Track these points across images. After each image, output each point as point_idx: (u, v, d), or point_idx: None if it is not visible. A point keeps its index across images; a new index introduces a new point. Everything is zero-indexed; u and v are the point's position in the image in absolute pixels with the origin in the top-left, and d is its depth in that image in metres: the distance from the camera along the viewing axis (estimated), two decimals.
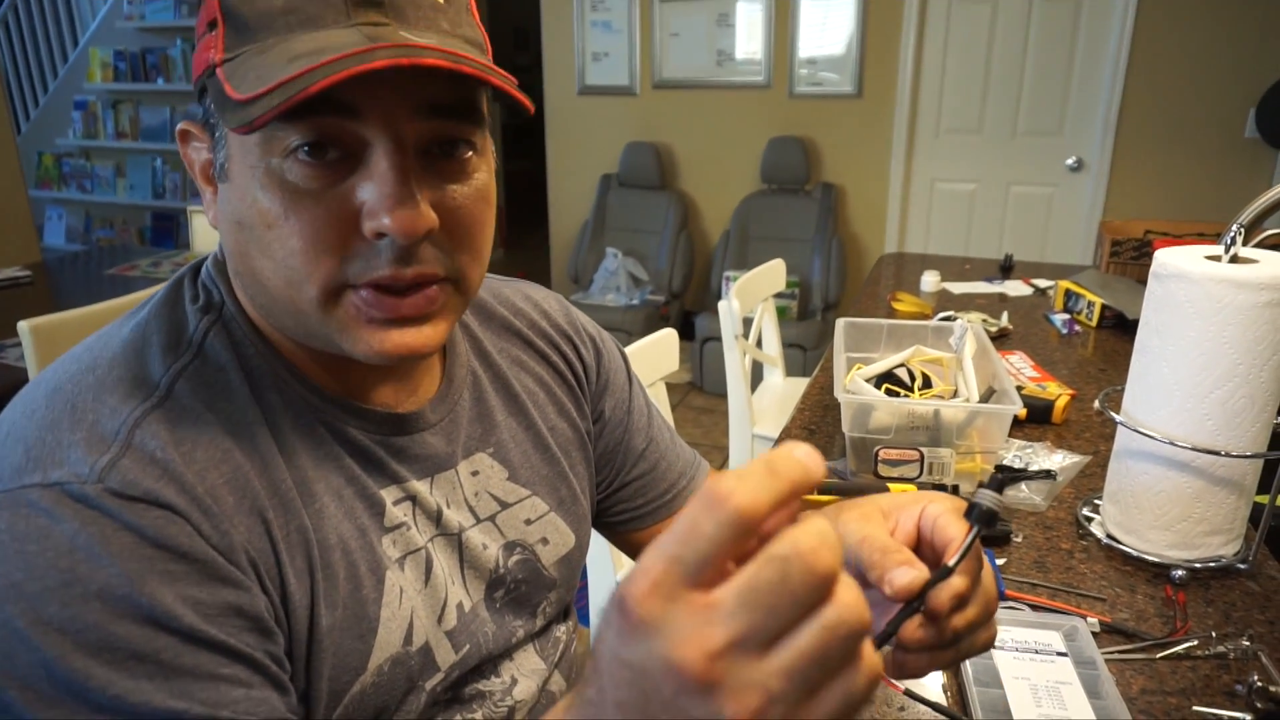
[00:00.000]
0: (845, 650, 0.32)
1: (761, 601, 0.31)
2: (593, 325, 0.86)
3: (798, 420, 1.41)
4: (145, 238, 5.50)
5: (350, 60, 0.48)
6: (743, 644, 0.31)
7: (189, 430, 0.54)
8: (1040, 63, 3.69)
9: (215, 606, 0.51)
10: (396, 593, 0.62)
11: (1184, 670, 0.82)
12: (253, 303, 0.60)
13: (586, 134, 4.53)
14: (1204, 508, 0.95)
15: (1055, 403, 1.35)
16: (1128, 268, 2.20)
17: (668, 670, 0.31)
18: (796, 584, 0.31)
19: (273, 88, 0.48)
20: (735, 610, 0.31)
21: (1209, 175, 3.55)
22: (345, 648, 0.59)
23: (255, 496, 0.55)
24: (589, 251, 4.40)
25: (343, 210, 0.53)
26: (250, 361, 0.60)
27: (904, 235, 4.11)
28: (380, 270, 0.54)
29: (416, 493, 0.66)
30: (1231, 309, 0.87)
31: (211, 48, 0.53)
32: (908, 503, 0.55)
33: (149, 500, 0.50)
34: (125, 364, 0.57)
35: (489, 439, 0.73)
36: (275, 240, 0.53)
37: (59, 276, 3.27)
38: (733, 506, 0.31)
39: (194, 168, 0.60)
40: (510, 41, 7.64)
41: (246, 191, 0.53)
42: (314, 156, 0.52)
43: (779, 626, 0.31)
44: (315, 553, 0.58)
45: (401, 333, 0.56)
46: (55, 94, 5.58)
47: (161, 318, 0.60)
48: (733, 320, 2.04)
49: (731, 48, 4.14)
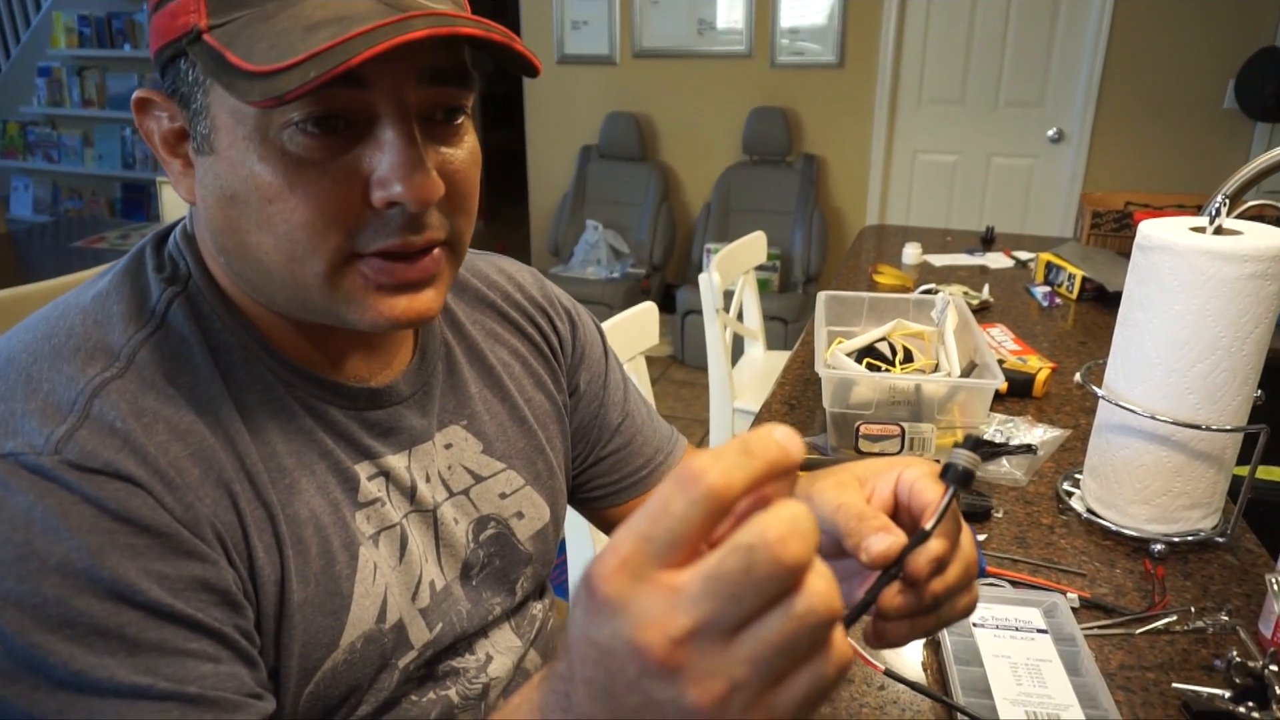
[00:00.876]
0: (813, 639, 0.31)
1: (725, 590, 0.30)
2: (568, 298, 0.84)
3: (778, 395, 1.40)
4: (115, 209, 5.39)
5: (388, 30, 0.46)
6: (706, 631, 0.30)
7: (151, 401, 0.53)
8: (1021, 33, 3.66)
9: (181, 580, 0.49)
10: (370, 569, 0.61)
11: (1163, 645, 0.82)
12: (238, 277, 0.57)
13: (566, 104, 4.47)
14: (1184, 482, 0.94)
15: (1036, 376, 1.34)
16: (1108, 239, 2.19)
17: (631, 652, 0.31)
18: (761, 574, 0.30)
19: (303, 59, 0.46)
20: (699, 597, 0.30)
21: (1188, 146, 3.55)
22: (317, 624, 0.58)
23: (221, 470, 0.54)
24: (569, 224, 4.36)
25: (350, 180, 0.52)
26: (217, 336, 0.58)
27: (885, 207, 4.10)
28: (391, 239, 0.53)
29: (391, 468, 0.64)
30: (1215, 281, 0.86)
31: (190, 11, 0.50)
32: (884, 469, 0.54)
33: (108, 472, 0.49)
34: (84, 333, 0.55)
35: (463, 411, 0.71)
36: (278, 214, 0.51)
37: (25, 248, 3.19)
38: (705, 485, 0.30)
39: (153, 138, 0.57)
40: (488, 8, 7.51)
41: (240, 164, 0.51)
42: (320, 127, 0.50)
43: (743, 614, 0.30)
44: (284, 529, 0.56)
45: (411, 299, 0.56)
46: (18, 60, 5.42)
47: (123, 287, 0.58)
48: (713, 294, 2.02)
49: (712, 17, 4.08)
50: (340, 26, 0.47)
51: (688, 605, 0.30)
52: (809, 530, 0.30)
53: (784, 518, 0.30)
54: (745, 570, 0.30)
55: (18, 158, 5.51)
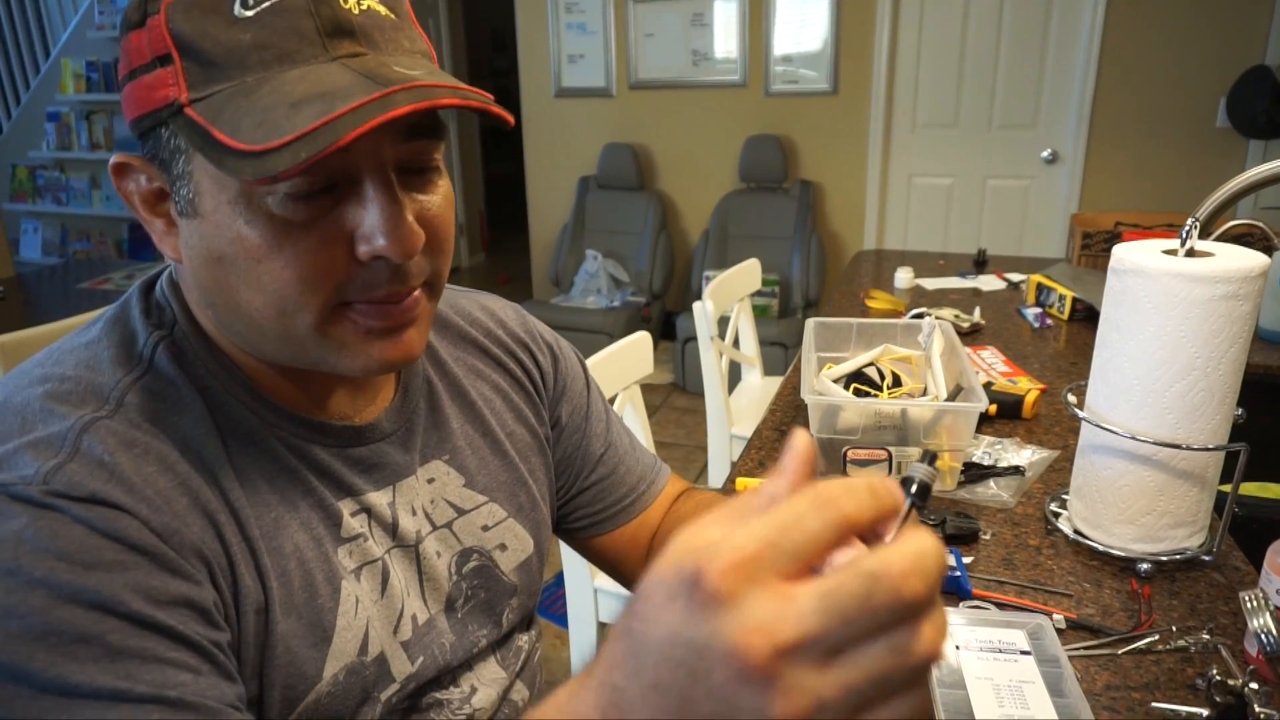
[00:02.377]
0: (910, 679, 0.31)
1: (840, 610, 0.30)
2: (549, 333, 0.87)
3: (769, 422, 1.41)
4: (123, 250, 5.45)
5: (373, 108, 0.48)
6: (811, 647, 0.30)
7: (139, 439, 0.55)
8: (1014, 56, 3.71)
9: (165, 595, 0.51)
10: (352, 602, 0.63)
11: (1147, 665, 0.82)
12: (227, 330, 0.60)
13: (564, 136, 4.52)
14: (1167, 501, 0.95)
15: (1025, 398, 1.35)
16: (1099, 260, 2.21)
17: (730, 653, 0.30)
18: (879, 604, 0.30)
19: (292, 140, 0.48)
20: (812, 611, 0.30)
21: (1181, 165, 3.58)
22: (300, 655, 0.59)
23: (206, 502, 0.56)
24: (569, 254, 4.39)
25: (335, 237, 0.54)
26: (202, 380, 0.60)
27: (883, 231, 4.13)
28: (380, 289, 0.56)
29: (373, 505, 0.66)
30: (1188, 303, 0.87)
31: (169, 84, 0.52)
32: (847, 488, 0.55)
33: (94, 500, 0.51)
34: (76, 377, 0.57)
35: (445, 446, 0.73)
36: (266, 273, 0.53)
37: (34, 291, 3.24)
38: (841, 511, 0.32)
39: (132, 199, 0.59)
40: (488, 44, 7.62)
41: (226, 227, 0.53)
42: (303, 190, 0.52)
43: (851, 638, 0.30)
44: (267, 561, 0.58)
45: (395, 343, 0.58)
46: (28, 106, 5.52)
47: (113, 333, 0.61)
48: (708, 321, 2.04)
49: (707, 47, 4.14)
50: (325, 103, 0.49)
51: (799, 617, 0.30)
52: (933, 570, 0.31)
53: (909, 553, 0.31)
54: (865, 596, 0.30)
55: (27, 201, 5.59)
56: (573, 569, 1.53)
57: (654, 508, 0.87)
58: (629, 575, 0.88)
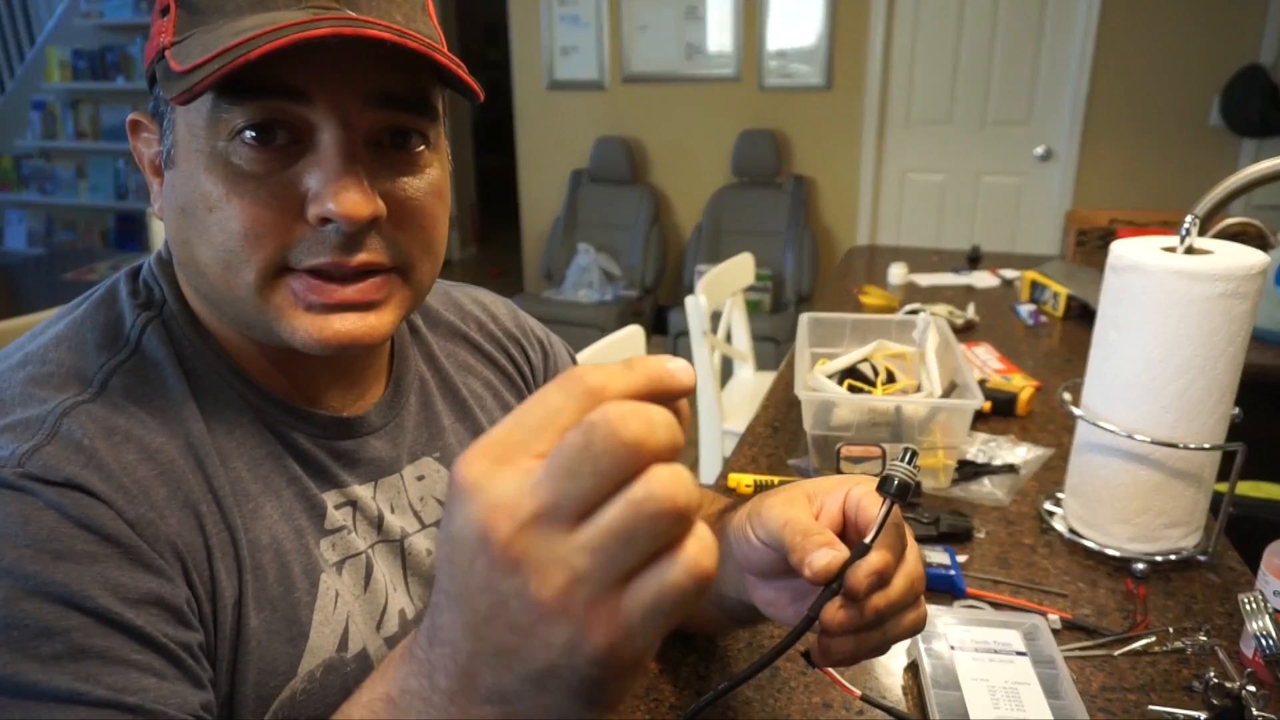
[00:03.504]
0: (655, 531, 0.29)
1: (565, 467, 0.29)
2: (540, 328, 0.85)
3: (762, 418, 1.40)
4: (109, 240, 5.40)
5: (291, 29, 0.48)
6: (549, 515, 0.29)
7: (121, 422, 0.53)
8: (1008, 52, 3.70)
9: (135, 592, 0.49)
10: (331, 596, 0.61)
11: (1143, 666, 0.81)
12: (196, 294, 0.59)
13: (557, 129, 4.50)
14: (1164, 500, 0.94)
15: (1019, 395, 1.34)
16: (1093, 257, 2.20)
17: (479, 540, 0.30)
18: (599, 450, 0.28)
19: (211, 56, 0.48)
20: (544, 478, 0.29)
21: (1175, 163, 3.58)
22: (273, 651, 0.57)
23: (189, 491, 0.54)
24: (561, 248, 4.38)
25: (287, 194, 0.52)
26: (190, 361, 0.59)
27: (876, 227, 4.12)
28: (323, 256, 0.53)
29: (358, 498, 0.65)
30: (1187, 301, 0.86)
31: (163, 33, 0.53)
32: (833, 486, 0.55)
33: (70, 485, 0.49)
34: (58, 360, 0.55)
35: (435, 444, 0.72)
36: (215, 224, 0.52)
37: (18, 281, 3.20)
38: (583, 383, 0.30)
39: (143, 160, 0.59)
40: (481, 37, 7.58)
41: (191, 176, 0.53)
42: (261, 140, 0.51)
43: (584, 497, 0.29)
44: (244, 553, 0.56)
45: (343, 319, 0.55)
46: (13, 94, 5.46)
47: (98, 315, 0.59)
48: (700, 316, 2.02)
49: (700, 41, 4.12)
50: (257, 29, 0.49)
51: (534, 487, 0.29)
52: (657, 418, 0.29)
53: (632, 404, 0.29)
54: (584, 445, 0.28)
55: (12, 191, 5.54)
56: None
57: None
58: None
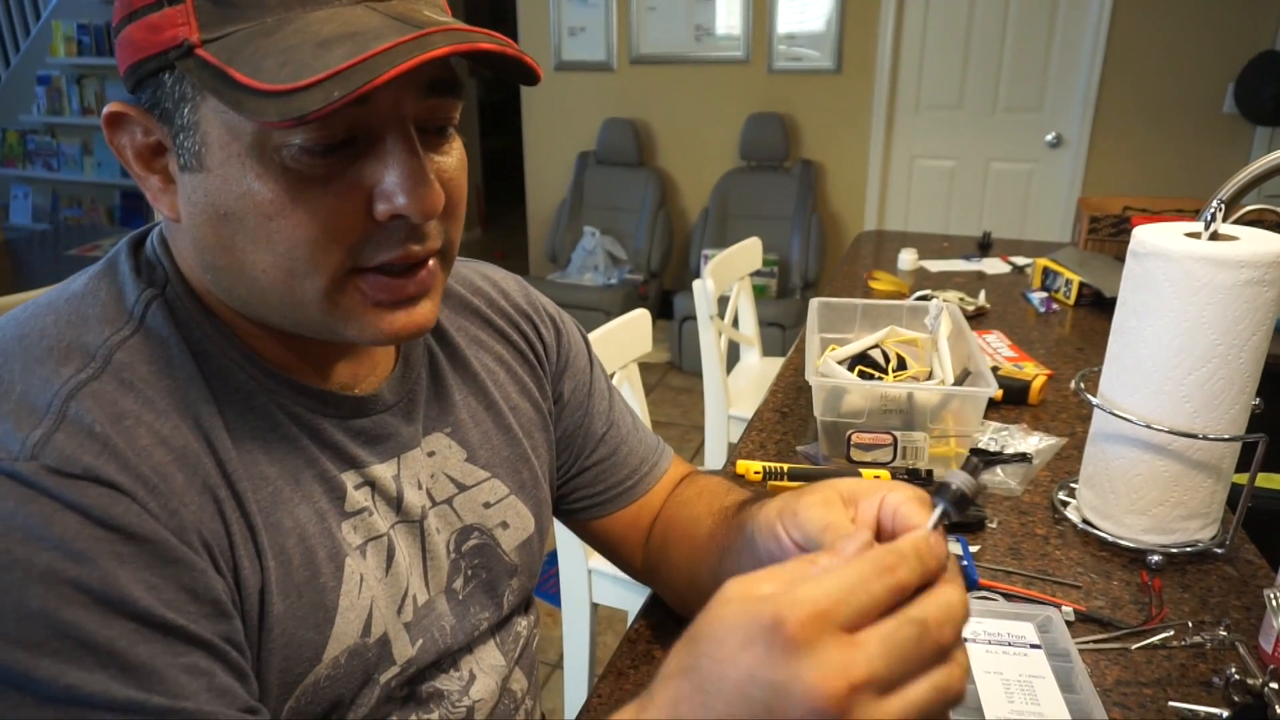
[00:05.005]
0: (946, 706, 0.39)
1: (898, 653, 0.37)
2: (552, 306, 0.83)
3: (770, 403, 1.38)
4: (114, 217, 5.38)
5: (410, 48, 0.46)
6: (876, 684, 0.37)
7: (130, 404, 0.51)
8: (1020, 38, 3.65)
9: (170, 589, 0.48)
10: (356, 580, 0.59)
11: (1160, 660, 0.80)
12: (227, 294, 0.56)
13: (564, 110, 4.46)
14: (1181, 491, 0.92)
15: (1032, 383, 1.32)
16: (1106, 244, 2.17)
17: (809, 692, 0.36)
18: (927, 648, 0.38)
19: (324, 78, 0.45)
20: (876, 654, 0.37)
21: (1187, 150, 3.54)
22: (299, 638, 0.56)
23: (206, 475, 0.53)
24: (567, 230, 4.35)
25: (352, 194, 0.51)
26: (197, 343, 0.56)
27: (884, 212, 4.09)
28: (394, 250, 0.53)
29: (377, 478, 0.63)
30: (1211, 288, 0.84)
31: (179, 24, 0.48)
32: (867, 491, 0.53)
33: (89, 477, 0.47)
34: (57, 334, 0.53)
35: (446, 419, 0.70)
36: (277, 231, 0.50)
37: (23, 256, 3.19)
38: (898, 579, 0.39)
39: (125, 153, 0.55)
40: (488, 15, 7.51)
41: (235, 181, 0.50)
42: (321, 144, 0.49)
43: (903, 676, 0.38)
44: (265, 540, 0.55)
45: (408, 313, 0.56)
46: (17, 69, 5.42)
47: (99, 289, 0.57)
48: (707, 300, 2.00)
49: (710, 23, 4.07)
50: (355, 43, 0.46)
51: (868, 660, 0.37)
52: (961, 616, 0.40)
53: (945, 603, 0.39)
54: (917, 641, 0.38)
55: (17, 166, 5.51)
56: (567, 548, 1.51)
57: (655, 491, 0.84)
58: (628, 558, 0.85)
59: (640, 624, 0.86)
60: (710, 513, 0.75)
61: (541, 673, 0.81)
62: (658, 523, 0.83)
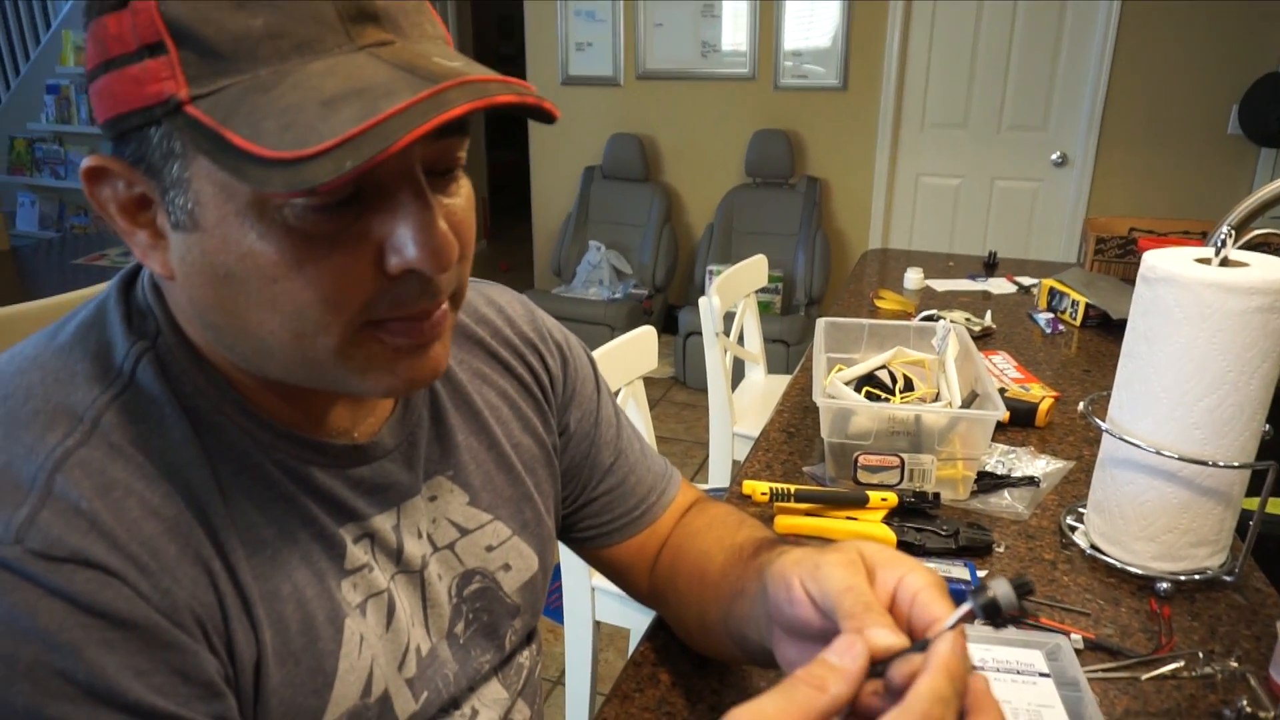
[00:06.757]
0: None
1: None
2: (560, 331, 0.82)
3: (776, 422, 1.38)
4: None
5: (425, 108, 0.42)
6: None
7: (119, 472, 0.49)
8: (1025, 57, 3.67)
9: (161, 674, 0.46)
10: (356, 641, 0.58)
11: (1169, 690, 0.79)
12: (229, 351, 0.53)
13: (570, 125, 4.48)
14: (1190, 518, 0.92)
15: (1039, 406, 1.32)
16: (1112, 265, 2.17)
17: None
18: None
19: (333, 145, 0.40)
20: None
21: (1192, 172, 3.54)
22: (297, 705, 0.54)
23: (198, 545, 0.50)
24: (572, 244, 4.36)
25: (361, 250, 0.47)
26: (189, 399, 0.54)
27: (888, 230, 4.09)
28: (412, 306, 0.50)
29: (377, 529, 0.61)
30: (1222, 314, 0.84)
31: (163, 77, 0.44)
32: (888, 561, 0.53)
33: (77, 560, 0.45)
34: (44, 393, 0.50)
35: (448, 460, 0.68)
36: (282, 294, 0.47)
37: (29, 264, 3.20)
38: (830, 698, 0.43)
39: (108, 208, 0.50)
40: (495, 30, 7.55)
41: (235, 241, 0.46)
42: (328, 201, 0.46)
43: None
44: (260, 611, 0.53)
45: (422, 361, 0.53)
46: (27, 77, 5.47)
47: (88, 340, 0.54)
48: (713, 317, 2.00)
49: (716, 39, 4.09)
50: (364, 102, 0.42)
51: None
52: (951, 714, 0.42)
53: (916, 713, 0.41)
54: None
55: (25, 174, 5.54)
56: (570, 567, 1.50)
57: (664, 519, 0.83)
58: (634, 584, 0.85)
59: (645, 647, 0.86)
60: (722, 549, 0.73)
61: (542, 689, 0.80)
62: (665, 550, 0.82)
